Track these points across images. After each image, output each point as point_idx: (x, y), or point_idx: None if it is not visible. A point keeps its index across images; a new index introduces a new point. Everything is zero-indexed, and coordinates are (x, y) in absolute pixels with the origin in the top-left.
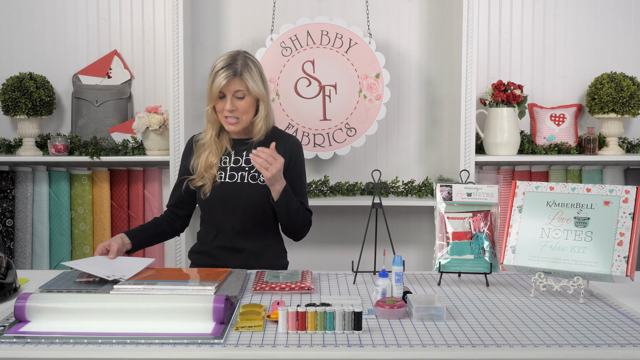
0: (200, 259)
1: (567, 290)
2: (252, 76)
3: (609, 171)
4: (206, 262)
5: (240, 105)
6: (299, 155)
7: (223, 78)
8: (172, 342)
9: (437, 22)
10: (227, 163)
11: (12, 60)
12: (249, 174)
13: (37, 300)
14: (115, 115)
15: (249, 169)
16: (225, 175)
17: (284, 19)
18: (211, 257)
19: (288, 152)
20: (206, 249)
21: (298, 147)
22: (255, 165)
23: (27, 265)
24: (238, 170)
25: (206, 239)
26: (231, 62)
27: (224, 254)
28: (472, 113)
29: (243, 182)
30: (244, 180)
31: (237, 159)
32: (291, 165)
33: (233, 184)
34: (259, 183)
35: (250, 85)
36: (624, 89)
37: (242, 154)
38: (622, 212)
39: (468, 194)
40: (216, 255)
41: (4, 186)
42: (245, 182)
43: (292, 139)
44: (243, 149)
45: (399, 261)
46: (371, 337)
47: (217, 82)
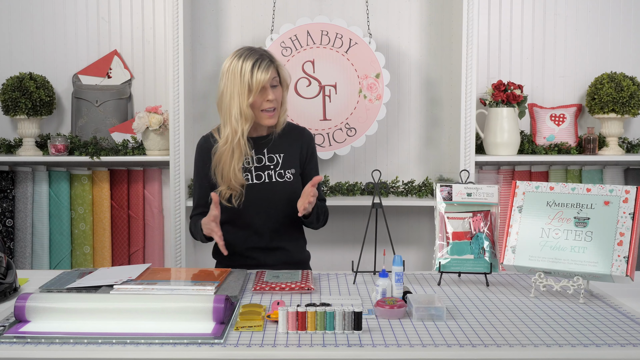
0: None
1: (567, 290)
2: (280, 64)
3: (609, 171)
4: (237, 262)
5: (276, 95)
6: (314, 148)
7: (264, 70)
8: (172, 342)
9: (437, 22)
10: (250, 163)
11: (12, 60)
12: (275, 172)
13: (37, 300)
14: (115, 115)
15: (273, 167)
16: (251, 176)
17: (284, 19)
18: (238, 256)
19: (305, 146)
20: (236, 250)
21: (313, 140)
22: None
23: (27, 265)
24: (263, 170)
25: (235, 241)
26: (261, 52)
27: (252, 252)
28: (472, 113)
29: (271, 182)
30: (272, 180)
31: (259, 158)
32: (308, 157)
33: (261, 185)
34: (286, 180)
35: (282, 72)
36: (624, 89)
37: (263, 151)
38: (622, 212)
39: (468, 194)
40: (243, 253)
41: (4, 186)
42: (274, 181)
43: (306, 131)
44: (262, 146)
45: (399, 261)
46: (371, 337)
47: (260, 76)
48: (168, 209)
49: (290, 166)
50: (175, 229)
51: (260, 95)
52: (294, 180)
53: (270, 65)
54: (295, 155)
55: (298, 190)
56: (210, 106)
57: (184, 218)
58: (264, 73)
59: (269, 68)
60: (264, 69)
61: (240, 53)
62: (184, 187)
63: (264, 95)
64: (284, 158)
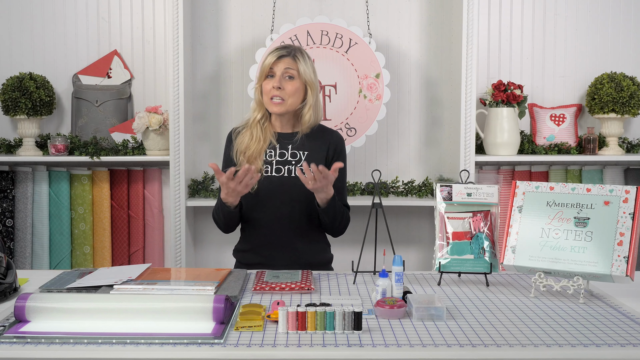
0: (246, 257)
1: (567, 290)
2: (305, 61)
3: (609, 171)
4: (253, 259)
5: (288, 86)
6: (343, 151)
7: (274, 56)
8: (172, 342)
9: (437, 22)
10: (272, 157)
11: (12, 60)
12: (295, 168)
13: (37, 300)
14: (115, 115)
15: (295, 163)
16: (271, 169)
17: (284, 19)
18: (258, 255)
19: (332, 145)
20: (253, 246)
21: (342, 142)
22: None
23: (27, 265)
24: (284, 164)
25: (253, 237)
26: (286, 46)
27: (272, 251)
28: (472, 113)
29: (290, 176)
30: (292, 174)
31: (282, 153)
32: (335, 158)
33: (280, 178)
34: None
35: (301, 67)
36: (624, 89)
37: (287, 147)
38: (622, 212)
39: (468, 194)
40: (263, 252)
41: (4, 186)
42: (293, 175)
43: (336, 133)
44: (288, 143)
45: (399, 261)
46: (371, 337)
47: (268, 59)
48: (168, 209)
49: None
50: (175, 229)
51: (269, 81)
52: None
53: (286, 56)
54: (320, 154)
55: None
56: (210, 106)
57: (184, 218)
58: (272, 58)
59: (283, 57)
60: (275, 55)
61: None
62: (184, 187)
63: (272, 81)
64: (308, 156)
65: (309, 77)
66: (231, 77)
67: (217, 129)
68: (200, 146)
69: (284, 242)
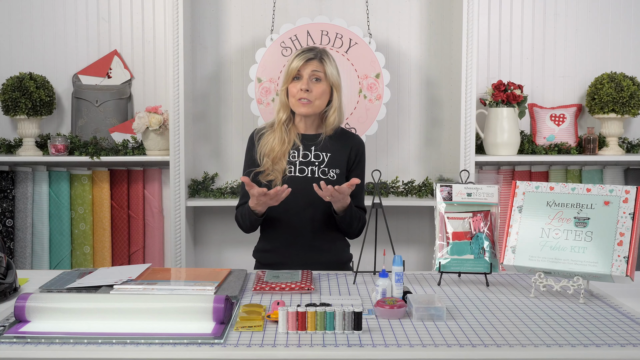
0: (266, 258)
1: (567, 290)
2: (331, 63)
3: (609, 171)
4: (273, 260)
5: (315, 88)
6: (363, 155)
7: (302, 59)
8: (172, 342)
9: (437, 22)
10: (295, 157)
11: (12, 60)
12: (319, 169)
13: (37, 300)
14: (115, 115)
15: (318, 164)
16: (294, 169)
17: (284, 19)
18: (279, 255)
19: (354, 150)
20: (274, 247)
21: (363, 147)
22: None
23: (27, 265)
24: (308, 165)
25: (273, 237)
26: (311, 49)
27: (293, 251)
28: (472, 113)
29: (313, 177)
30: (315, 175)
31: (306, 154)
32: (355, 164)
33: (303, 178)
34: (329, 178)
35: (328, 69)
36: (624, 89)
37: (310, 148)
38: (622, 212)
39: (468, 194)
40: (284, 252)
41: (4, 186)
42: (316, 176)
43: (357, 138)
44: (312, 144)
45: (399, 261)
46: (371, 337)
47: (295, 62)
48: (168, 209)
49: (336, 166)
50: (175, 229)
51: (296, 83)
52: (337, 180)
53: (313, 59)
54: (342, 156)
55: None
56: (210, 106)
57: (184, 218)
58: (299, 61)
59: (310, 60)
60: (302, 58)
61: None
62: (184, 187)
63: (299, 83)
64: (331, 157)
65: (335, 79)
66: (231, 77)
67: (217, 129)
68: (200, 146)
69: (305, 242)
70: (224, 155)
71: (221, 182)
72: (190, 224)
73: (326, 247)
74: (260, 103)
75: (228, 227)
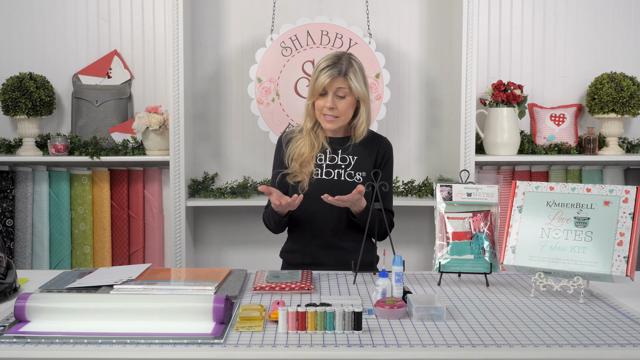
0: (293, 258)
1: (567, 290)
2: (356, 77)
3: (609, 171)
4: (300, 260)
5: (340, 105)
6: (391, 157)
7: (327, 76)
8: (172, 342)
9: (437, 22)
10: (322, 160)
11: (12, 60)
12: (345, 172)
13: (37, 300)
14: (115, 115)
15: (345, 167)
16: (321, 172)
17: (284, 19)
18: (305, 256)
19: (381, 152)
20: (300, 247)
21: (390, 148)
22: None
23: (27, 265)
24: (334, 168)
25: (300, 237)
26: (336, 62)
27: (319, 252)
28: (472, 113)
29: (340, 180)
30: (341, 178)
31: (332, 157)
32: (382, 164)
33: (330, 181)
34: (355, 181)
35: (353, 85)
36: (624, 89)
37: (337, 152)
38: (622, 212)
39: (468, 194)
40: (310, 253)
41: (4, 186)
42: (342, 179)
43: (385, 140)
44: (339, 148)
45: (399, 261)
46: (371, 337)
47: (321, 79)
48: (168, 209)
49: (362, 169)
50: (175, 229)
51: (321, 99)
52: (363, 183)
53: (338, 75)
54: (369, 159)
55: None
56: (210, 106)
57: (184, 218)
58: (325, 78)
59: (335, 77)
60: (327, 75)
61: (328, 55)
62: (184, 187)
63: (325, 100)
64: (357, 160)
65: (361, 92)
66: (231, 77)
67: (217, 129)
68: (200, 146)
69: (331, 243)
70: (224, 155)
71: (221, 182)
72: (190, 224)
73: (352, 248)
74: (260, 103)
75: (228, 227)
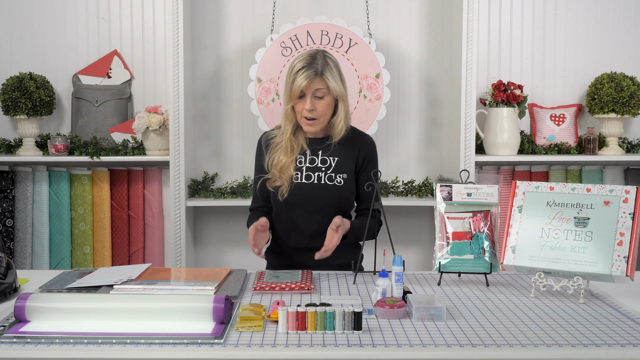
0: (276, 259)
1: (567, 290)
2: (333, 75)
3: (609, 171)
4: (283, 262)
5: (319, 106)
6: (374, 156)
7: (304, 78)
8: (172, 342)
9: (437, 22)
10: (302, 163)
11: (12, 60)
12: (325, 175)
13: (37, 300)
14: (115, 115)
15: (325, 169)
16: (301, 175)
17: (284, 19)
18: (288, 257)
19: (362, 152)
20: (283, 249)
21: (373, 147)
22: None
23: (27, 265)
24: (314, 171)
25: (282, 239)
26: (311, 62)
27: (301, 254)
28: (472, 113)
29: (320, 183)
30: (321, 181)
31: (312, 159)
32: (364, 164)
33: (310, 185)
34: (335, 184)
35: (331, 84)
36: (624, 89)
37: (318, 153)
38: (622, 212)
39: (468, 194)
40: (293, 255)
41: (4, 186)
42: (322, 182)
43: (367, 138)
44: (319, 149)
45: (399, 261)
46: (371, 337)
47: (298, 82)
48: (168, 209)
49: (343, 171)
50: (175, 229)
51: (300, 102)
52: (345, 185)
53: (315, 75)
54: (350, 160)
55: (347, 195)
56: (210, 106)
57: (184, 218)
58: (302, 80)
59: (311, 78)
60: (303, 77)
61: (302, 55)
62: (184, 187)
63: (303, 103)
64: (338, 162)
65: (339, 90)
66: (231, 77)
67: (217, 129)
68: (200, 146)
69: (314, 246)
70: (224, 155)
71: (221, 182)
72: (190, 224)
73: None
74: (260, 103)
75: (228, 227)
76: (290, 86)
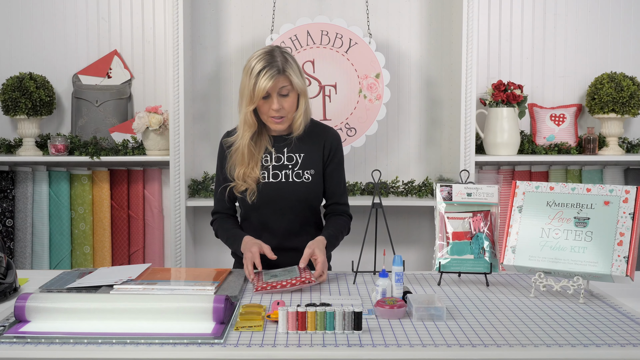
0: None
1: (567, 290)
2: (294, 71)
3: (609, 171)
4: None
5: (286, 104)
6: (339, 149)
7: (268, 78)
8: (172, 342)
9: (437, 22)
10: (268, 162)
11: (12, 60)
12: (292, 172)
13: (37, 300)
14: (115, 115)
15: (292, 167)
16: (268, 175)
17: (284, 19)
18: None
19: (327, 145)
20: None
21: (337, 139)
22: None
23: (27, 265)
24: (281, 169)
25: None
26: (271, 60)
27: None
28: (472, 113)
29: (288, 181)
30: (289, 179)
31: (278, 157)
32: (330, 157)
33: (277, 184)
34: (304, 181)
35: (294, 80)
36: (624, 89)
37: (283, 151)
38: (622, 212)
39: (468, 194)
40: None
41: (4, 186)
42: (290, 180)
43: (331, 131)
44: (283, 146)
45: (399, 261)
46: (371, 337)
47: (262, 83)
48: (168, 209)
49: (310, 167)
50: (175, 229)
51: (265, 102)
52: (312, 181)
53: (278, 74)
54: (316, 155)
55: (316, 191)
56: (210, 106)
57: (184, 218)
58: (267, 81)
59: (275, 77)
60: (267, 78)
61: (258, 54)
62: (184, 187)
63: (269, 103)
64: (304, 158)
65: (300, 86)
66: (231, 77)
67: (217, 129)
68: (200, 146)
69: (286, 245)
70: None
71: None
72: (190, 224)
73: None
74: None
75: None
76: (252, 89)
